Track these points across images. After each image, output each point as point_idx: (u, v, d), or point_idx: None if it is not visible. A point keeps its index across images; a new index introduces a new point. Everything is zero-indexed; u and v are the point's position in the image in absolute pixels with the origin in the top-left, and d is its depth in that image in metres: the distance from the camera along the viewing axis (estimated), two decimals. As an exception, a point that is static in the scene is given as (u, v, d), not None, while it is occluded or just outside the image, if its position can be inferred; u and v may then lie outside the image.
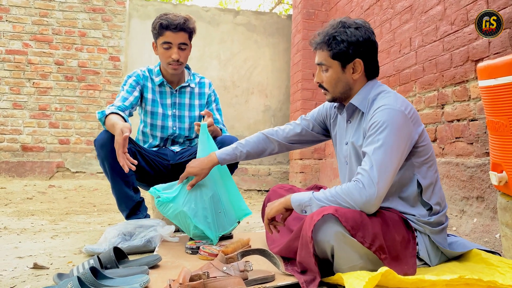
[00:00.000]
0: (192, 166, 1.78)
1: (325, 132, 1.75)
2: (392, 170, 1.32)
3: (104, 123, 1.98)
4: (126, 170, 1.73)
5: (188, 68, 2.35)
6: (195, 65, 5.28)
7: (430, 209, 1.44)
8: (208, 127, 1.91)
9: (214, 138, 2.02)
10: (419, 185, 1.43)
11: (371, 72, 1.52)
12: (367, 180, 1.30)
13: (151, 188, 1.83)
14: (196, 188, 1.83)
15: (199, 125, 1.91)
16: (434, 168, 1.47)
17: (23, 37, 4.81)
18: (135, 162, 1.76)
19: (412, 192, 1.44)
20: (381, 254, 1.26)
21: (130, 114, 2.14)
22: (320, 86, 1.55)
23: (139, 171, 2.12)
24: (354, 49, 1.45)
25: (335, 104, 1.63)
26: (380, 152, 1.32)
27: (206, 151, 1.85)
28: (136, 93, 2.18)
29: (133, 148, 2.10)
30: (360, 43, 1.45)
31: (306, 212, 1.39)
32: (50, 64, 4.86)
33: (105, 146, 1.96)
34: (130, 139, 2.04)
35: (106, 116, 1.96)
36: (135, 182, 2.10)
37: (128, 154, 1.76)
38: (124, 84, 2.19)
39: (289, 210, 1.47)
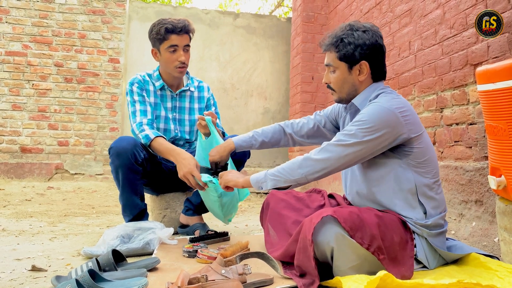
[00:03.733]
0: (212, 155, 1.87)
1: (336, 130, 1.78)
2: (348, 154, 1.41)
3: (149, 145, 2.03)
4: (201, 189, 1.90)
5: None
6: (195, 66, 5.29)
7: (427, 211, 1.45)
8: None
9: None
10: (416, 186, 1.44)
11: (378, 74, 1.54)
12: (318, 155, 1.44)
13: (208, 177, 1.85)
14: None
15: (202, 118, 1.96)
16: (433, 171, 1.47)
17: (23, 38, 4.81)
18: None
19: (409, 194, 1.44)
20: (379, 255, 1.27)
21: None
22: (328, 86, 1.59)
23: (148, 177, 2.16)
24: (360, 52, 1.48)
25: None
26: (345, 137, 1.42)
27: (213, 143, 1.95)
28: (147, 99, 2.19)
29: (146, 155, 2.09)
30: (367, 46, 1.48)
31: (262, 188, 1.54)
32: (50, 66, 4.86)
33: (121, 156, 1.96)
34: (142, 145, 2.07)
35: (153, 139, 2.02)
36: (142, 190, 2.12)
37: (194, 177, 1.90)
38: (132, 94, 2.17)
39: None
